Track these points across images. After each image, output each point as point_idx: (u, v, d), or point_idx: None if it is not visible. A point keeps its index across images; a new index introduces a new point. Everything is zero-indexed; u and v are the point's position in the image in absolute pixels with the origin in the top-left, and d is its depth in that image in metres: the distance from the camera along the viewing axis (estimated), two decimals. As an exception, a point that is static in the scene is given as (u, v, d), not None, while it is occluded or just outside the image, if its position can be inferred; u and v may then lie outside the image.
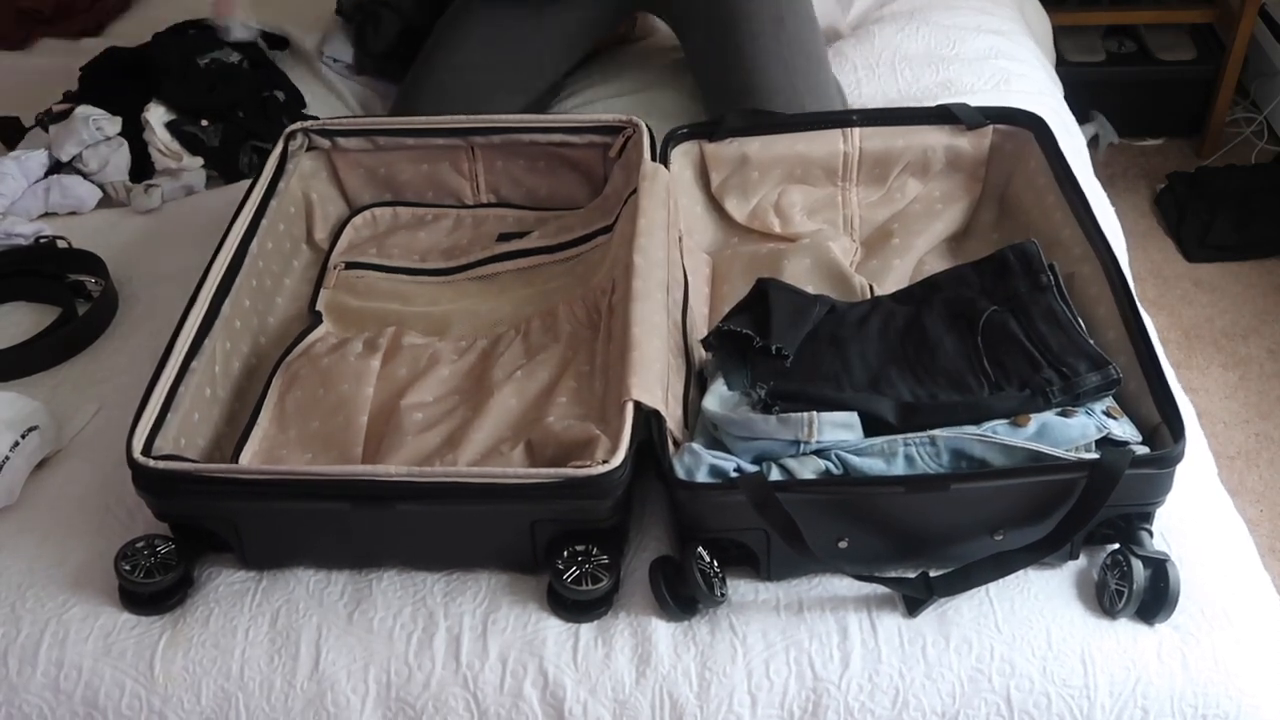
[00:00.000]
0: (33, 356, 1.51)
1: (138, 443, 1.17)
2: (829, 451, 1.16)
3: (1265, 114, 3.03)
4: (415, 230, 1.62)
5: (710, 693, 1.14)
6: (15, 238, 1.70)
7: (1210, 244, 2.70)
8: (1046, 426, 1.16)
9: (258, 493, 1.16)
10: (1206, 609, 1.16)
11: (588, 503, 1.15)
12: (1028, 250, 1.31)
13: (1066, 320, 1.24)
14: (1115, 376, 1.19)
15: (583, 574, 1.15)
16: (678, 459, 1.16)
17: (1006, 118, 1.55)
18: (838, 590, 1.19)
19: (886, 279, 1.45)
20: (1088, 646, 1.14)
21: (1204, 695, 1.13)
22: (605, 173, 1.60)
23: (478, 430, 1.27)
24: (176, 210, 1.80)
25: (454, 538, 1.21)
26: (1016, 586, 1.18)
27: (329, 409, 1.32)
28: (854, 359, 1.26)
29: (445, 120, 1.61)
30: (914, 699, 1.13)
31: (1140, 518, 1.18)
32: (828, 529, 1.14)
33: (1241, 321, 2.56)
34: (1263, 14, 2.98)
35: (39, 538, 1.28)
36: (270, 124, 1.93)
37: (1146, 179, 2.95)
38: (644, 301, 1.27)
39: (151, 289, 1.62)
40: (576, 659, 1.15)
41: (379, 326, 1.44)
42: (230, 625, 1.19)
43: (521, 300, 1.50)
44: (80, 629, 1.19)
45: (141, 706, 1.16)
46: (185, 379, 1.26)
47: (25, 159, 1.80)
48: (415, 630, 1.18)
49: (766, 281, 1.31)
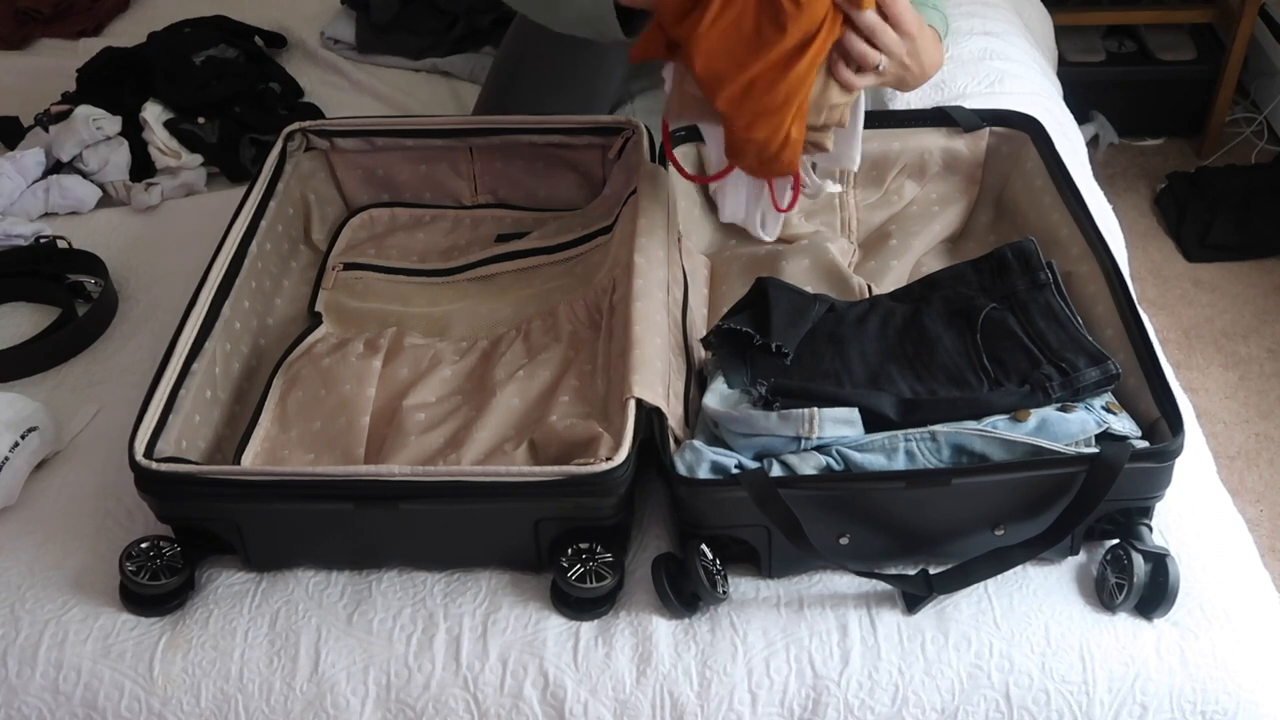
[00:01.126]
0: (33, 357, 1.51)
1: (140, 445, 1.17)
2: (830, 447, 1.16)
3: (1265, 114, 3.03)
4: (414, 231, 1.62)
5: (711, 691, 1.14)
6: (15, 238, 1.70)
7: (1210, 244, 2.70)
8: (1046, 422, 1.16)
9: (261, 494, 1.16)
10: (1206, 606, 1.16)
11: (591, 500, 1.15)
12: (1026, 248, 1.31)
13: (1065, 317, 1.24)
14: (1114, 372, 1.19)
15: (587, 572, 1.16)
16: (679, 455, 1.16)
17: (1002, 120, 1.55)
18: (838, 588, 1.19)
19: (885, 279, 1.45)
20: (1086, 643, 1.14)
21: (1203, 691, 1.13)
22: (604, 174, 1.60)
23: (480, 430, 1.27)
24: (176, 210, 1.80)
25: (458, 537, 1.21)
26: (1015, 583, 1.18)
27: (331, 410, 1.32)
28: (853, 357, 1.26)
29: (444, 121, 1.61)
30: (913, 696, 1.13)
31: (1140, 512, 1.18)
32: (829, 525, 1.15)
33: (1241, 321, 2.56)
34: (1263, 14, 2.98)
35: (38, 539, 1.27)
36: (268, 116, 1.94)
37: (1146, 179, 2.95)
38: (644, 300, 1.28)
39: (151, 289, 1.62)
40: (577, 659, 1.15)
41: (379, 327, 1.44)
42: (230, 627, 1.19)
43: (522, 300, 1.50)
44: (80, 630, 1.19)
45: (141, 708, 1.16)
46: (186, 381, 1.26)
47: (21, 159, 1.80)
48: (415, 631, 1.18)
49: (766, 280, 1.31)
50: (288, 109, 2.01)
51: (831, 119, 1.26)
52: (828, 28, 1.19)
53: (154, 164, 1.86)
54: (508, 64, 1.89)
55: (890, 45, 1.24)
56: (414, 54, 2.18)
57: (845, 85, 1.24)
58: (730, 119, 1.24)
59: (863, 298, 1.39)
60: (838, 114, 1.26)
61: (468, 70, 2.16)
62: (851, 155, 1.34)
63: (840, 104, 1.26)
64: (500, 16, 2.17)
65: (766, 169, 1.29)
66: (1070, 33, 2.91)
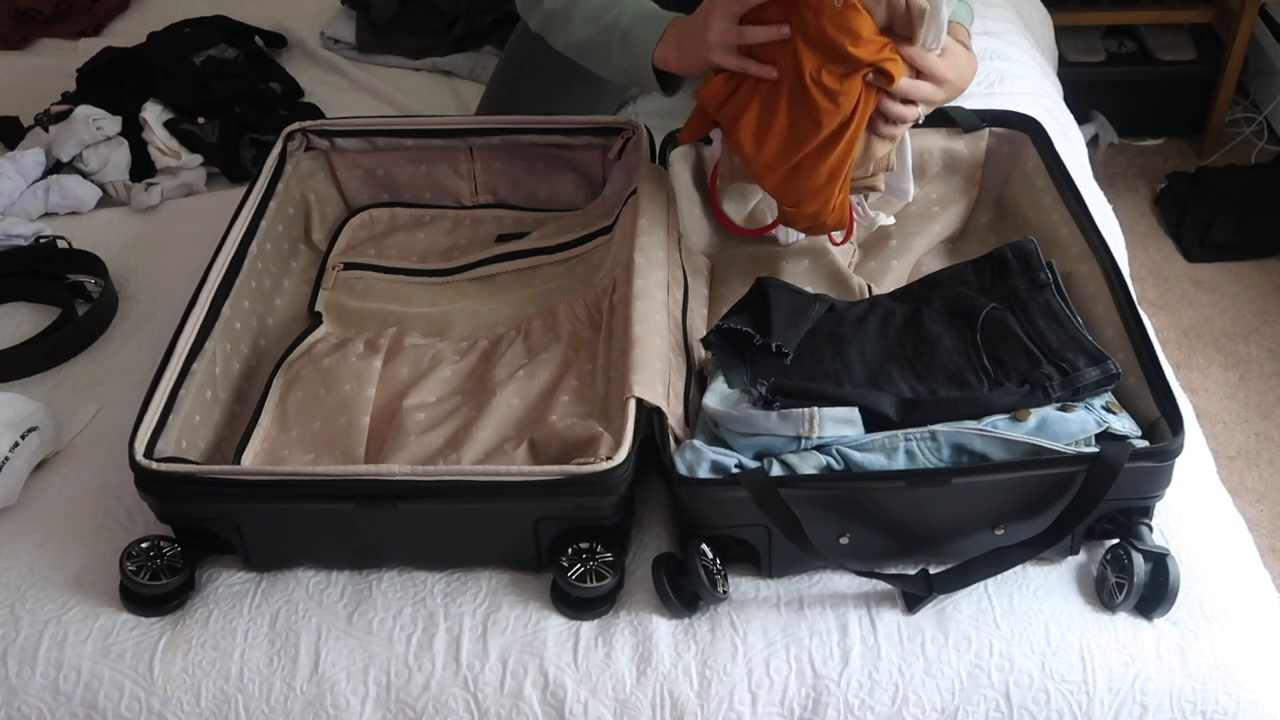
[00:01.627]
0: (33, 357, 1.51)
1: (140, 445, 1.17)
2: (830, 447, 1.16)
3: (1265, 114, 3.03)
4: (413, 231, 1.62)
5: (711, 691, 1.14)
6: (15, 238, 1.70)
7: (1210, 244, 2.70)
8: (1046, 421, 1.16)
9: (262, 494, 1.16)
10: (1206, 606, 1.16)
11: (592, 499, 1.15)
12: (1026, 248, 1.31)
13: (1065, 316, 1.24)
14: (1114, 371, 1.19)
15: (587, 571, 1.16)
16: (679, 455, 1.16)
17: (1002, 120, 1.55)
18: (837, 587, 1.19)
19: (884, 280, 1.45)
20: (1087, 643, 1.14)
21: (1203, 691, 1.13)
22: (604, 174, 1.60)
23: (481, 430, 1.27)
24: (176, 210, 1.80)
25: (458, 537, 1.21)
26: (1015, 583, 1.18)
27: (331, 409, 1.32)
28: (853, 357, 1.26)
29: (444, 121, 1.61)
30: (913, 695, 1.13)
31: (1140, 512, 1.18)
32: (829, 524, 1.15)
33: (1241, 321, 2.56)
34: (1263, 14, 2.98)
35: (38, 539, 1.28)
36: (268, 116, 1.94)
37: (1146, 179, 2.95)
38: (644, 300, 1.28)
39: (151, 289, 1.62)
40: (577, 659, 1.15)
41: (378, 327, 1.44)
42: (230, 627, 1.19)
43: (521, 300, 1.50)
44: (79, 630, 1.19)
45: (141, 708, 1.16)
46: (186, 381, 1.26)
47: (21, 159, 1.80)
48: (415, 631, 1.18)
49: (766, 280, 1.31)
50: (288, 109, 2.01)
51: (880, 167, 1.31)
52: (863, 105, 1.23)
53: (154, 164, 1.86)
54: (513, 66, 1.89)
55: (926, 97, 1.27)
56: (414, 54, 2.18)
57: (887, 138, 1.28)
58: (780, 199, 1.32)
59: (863, 298, 1.39)
60: (884, 163, 1.31)
61: (468, 69, 2.16)
62: (905, 189, 1.38)
63: (884, 154, 1.30)
64: (500, 16, 2.17)
65: (818, 231, 1.38)
66: (1070, 33, 2.91)
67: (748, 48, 1.27)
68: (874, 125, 1.26)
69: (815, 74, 1.21)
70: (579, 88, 1.82)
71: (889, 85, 1.22)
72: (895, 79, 1.21)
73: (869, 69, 1.21)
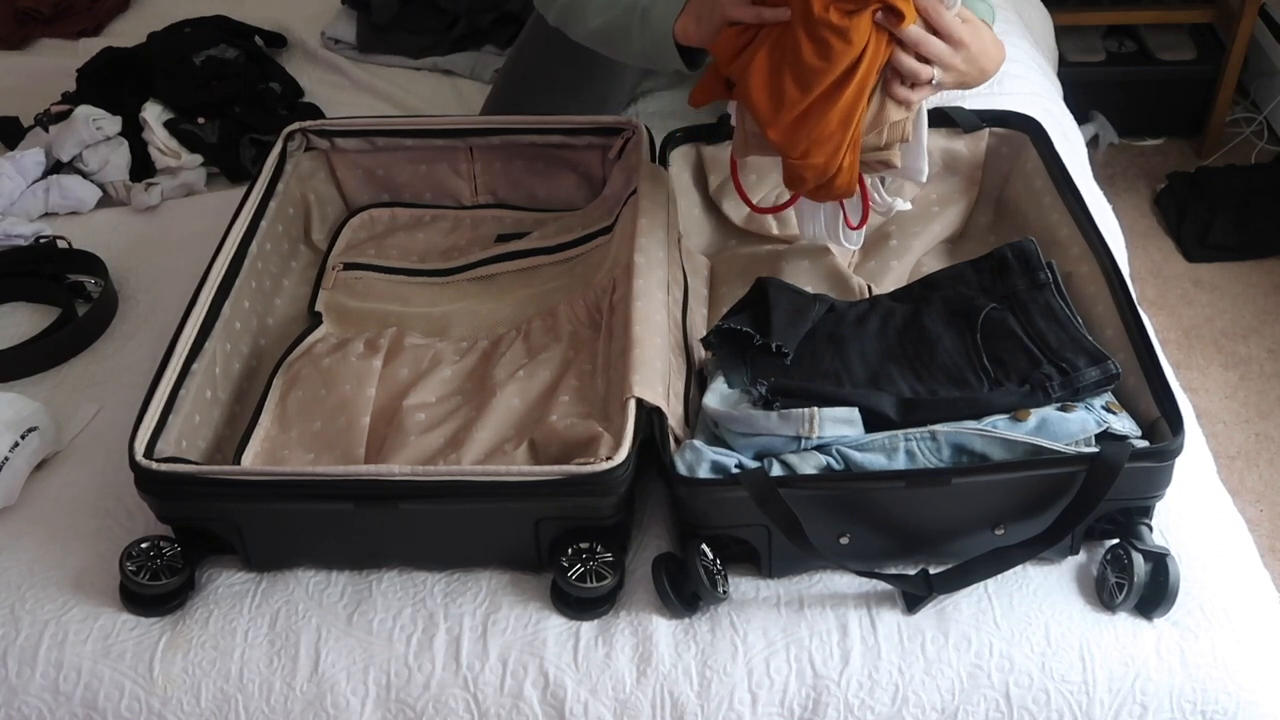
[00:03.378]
0: (33, 357, 1.51)
1: (140, 445, 1.17)
2: (830, 447, 1.16)
3: (1265, 114, 3.03)
4: (413, 231, 1.62)
5: (711, 691, 1.14)
6: (15, 238, 1.70)
7: (1210, 244, 2.70)
8: (1046, 421, 1.16)
9: (262, 494, 1.16)
10: (1206, 606, 1.16)
11: (592, 500, 1.15)
12: (1025, 248, 1.31)
13: (1065, 316, 1.24)
14: (1114, 371, 1.19)
15: (588, 571, 1.16)
16: (679, 455, 1.16)
17: (1002, 120, 1.55)
18: (838, 587, 1.19)
19: (884, 280, 1.45)
20: (1087, 643, 1.14)
21: (1203, 691, 1.13)
22: (604, 174, 1.60)
23: (481, 430, 1.27)
24: (176, 210, 1.80)
25: (458, 537, 1.21)
26: (1015, 583, 1.18)
27: (331, 410, 1.32)
28: (853, 357, 1.26)
29: (444, 121, 1.61)
30: (913, 695, 1.13)
31: (1140, 512, 1.18)
32: (829, 524, 1.15)
33: (1241, 321, 2.56)
34: (1263, 14, 2.98)
35: (38, 539, 1.27)
36: (268, 116, 1.94)
37: (1146, 179, 2.95)
38: (644, 300, 1.28)
39: (151, 289, 1.62)
40: (577, 659, 1.15)
41: (378, 327, 1.44)
42: (230, 627, 1.19)
43: (521, 300, 1.50)
44: (80, 630, 1.19)
45: (141, 708, 1.16)
46: (186, 381, 1.26)
47: (21, 159, 1.80)
48: (415, 631, 1.18)
49: (766, 280, 1.31)
50: (288, 109, 2.01)
51: (894, 136, 1.28)
52: (872, 51, 1.22)
53: (154, 164, 1.86)
54: (519, 68, 1.89)
55: (939, 55, 1.25)
56: (414, 53, 2.18)
57: (902, 101, 1.26)
58: (785, 149, 1.28)
59: (863, 298, 1.39)
60: (899, 130, 1.28)
61: (469, 68, 2.16)
62: (919, 168, 1.36)
63: (900, 120, 1.28)
64: (500, 16, 2.17)
65: (825, 193, 1.32)
66: (1070, 33, 2.91)
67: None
68: (888, 85, 1.25)
69: (823, 11, 1.21)
70: (586, 91, 1.82)
71: (897, 25, 1.21)
72: (904, 18, 1.21)
73: (878, 6, 1.21)
